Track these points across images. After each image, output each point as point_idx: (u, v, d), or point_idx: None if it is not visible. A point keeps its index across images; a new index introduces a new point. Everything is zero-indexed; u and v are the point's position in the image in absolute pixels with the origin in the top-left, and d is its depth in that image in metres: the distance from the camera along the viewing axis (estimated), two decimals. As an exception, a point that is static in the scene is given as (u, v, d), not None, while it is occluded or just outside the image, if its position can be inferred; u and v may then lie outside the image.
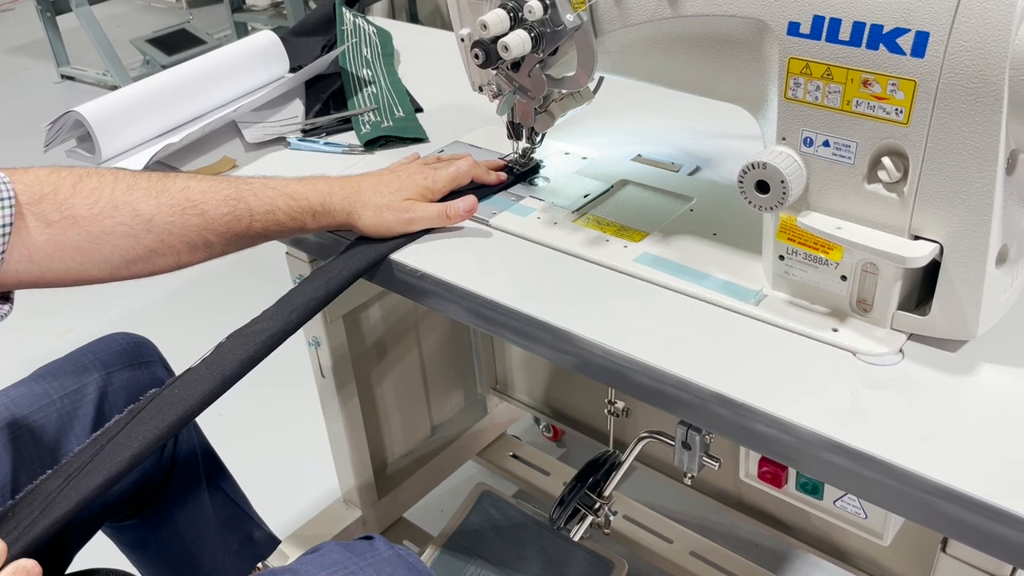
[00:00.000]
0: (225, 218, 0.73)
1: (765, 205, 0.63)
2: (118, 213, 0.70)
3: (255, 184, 0.76)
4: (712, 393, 0.61)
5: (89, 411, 0.86)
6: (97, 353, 0.90)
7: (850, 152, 0.60)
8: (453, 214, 0.79)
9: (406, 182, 0.80)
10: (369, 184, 0.80)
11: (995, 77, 0.52)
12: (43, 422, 0.83)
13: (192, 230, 0.72)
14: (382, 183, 0.80)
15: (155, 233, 0.71)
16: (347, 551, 0.68)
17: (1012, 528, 0.51)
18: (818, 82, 0.60)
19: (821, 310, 0.67)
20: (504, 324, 0.72)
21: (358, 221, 0.78)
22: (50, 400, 0.84)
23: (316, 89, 1.09)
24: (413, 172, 0.81)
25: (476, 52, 0.74)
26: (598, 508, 0.91)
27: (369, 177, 0.82)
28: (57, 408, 0.84)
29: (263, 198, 0.75)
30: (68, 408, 0.85)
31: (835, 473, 0.57)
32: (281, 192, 0.76)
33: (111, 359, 0.90)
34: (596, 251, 0.76)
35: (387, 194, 0.79)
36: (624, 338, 0.66)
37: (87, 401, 0.86)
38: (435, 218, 0.79)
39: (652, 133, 0.97)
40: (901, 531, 0.77)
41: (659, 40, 0.69)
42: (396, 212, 0.78)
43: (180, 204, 0.72)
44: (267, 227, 0.76)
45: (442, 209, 0.79)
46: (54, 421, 0.83)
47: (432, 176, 0.81)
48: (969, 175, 0.56)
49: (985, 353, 0.61)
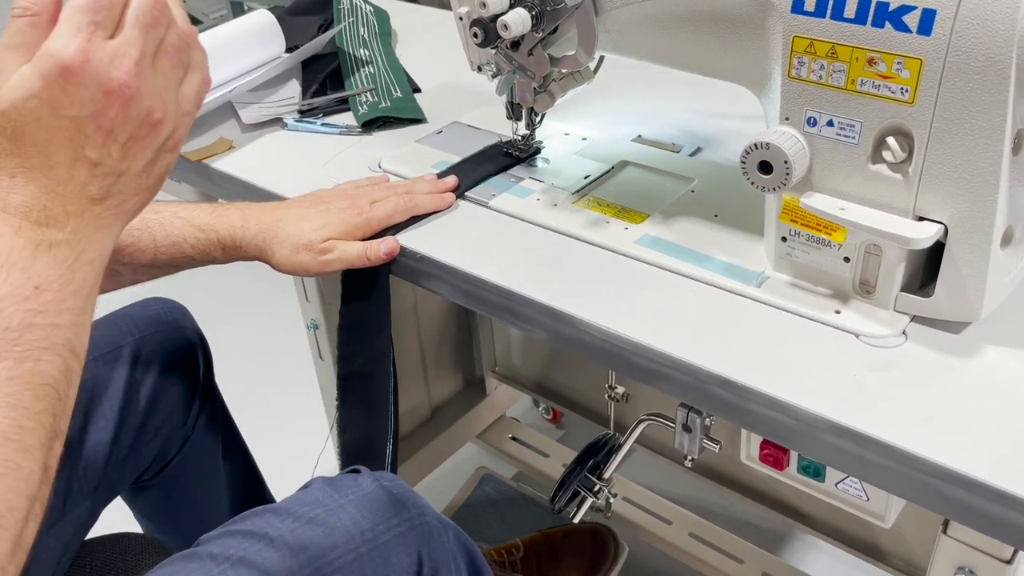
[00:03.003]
0: (129, 248, 0.72)
1: (768, 186, 0.63)
2: None
3: (165, 213, 0.74)
4: (713, 375, 0.60)
5: (123, 373, 0.86)
6: (132, 317, 0.91)
7: (854, 132, 0.60)
8: (374, 256, 0.74)
9: (333, 218, 0.75)
10: (292, 218, 0.75)
11: (1002, 56, 0.52)
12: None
13: None
14: (307, 217, 0.75)
15: None
16: (330, 487, 0.66)
17: (1014, 510, 0.51)
18: (822, 61, 0.59)
19: (824, 292, 0.66)
20: (503, 306, 0.71)
21: (271, 259, 0.75)
22: (86, 360, 0.84)
23: (313, 69, 1.08)
24: (345, 208, 0.76)
25: (475, 31, 0.73)
26: (598, 490, 0.91)
27: (296, 208, 0.77)
28: (91, 369, 0.84)
29: (169, 229, 0.73)
30: (103, 369, 0.86)
31: (837, 456, 0.57)
32: (190, 223, 0.74)
33: (145, 323, 0.91)
34: (596, 233, 0.75)
35: (308, 231, 0.74)
36: (624, 320, 0.65)
37: (121, 363, 0.87)
38: (355, 260, 0.74)
39: (653, 113, 0.96)
40: (902, 513, 0.77)
41: (661, 18, 0.68)
42: (313, 253, 0.73)
43: None
44: (174, 258, 0.74)
45: (362, 251, 0.74)
46: (89, 381, 0.83)
47: (366, 215, 0.75)
48: (975, 155, 0.55)
49: (988, 335, 0.61)
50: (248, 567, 0.59)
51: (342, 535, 0.62)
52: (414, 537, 0.65)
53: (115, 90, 0.50)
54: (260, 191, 0.88)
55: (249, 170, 0.91)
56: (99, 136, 0.50)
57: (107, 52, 0.49)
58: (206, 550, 0.62)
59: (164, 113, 0.52)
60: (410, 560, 0.65)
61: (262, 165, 0.92)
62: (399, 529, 0.65)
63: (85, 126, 0.50)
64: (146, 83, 0.50)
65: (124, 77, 0.50)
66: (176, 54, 0.52)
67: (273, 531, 0.62)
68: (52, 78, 0.48)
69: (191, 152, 0.94)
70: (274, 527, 0.62)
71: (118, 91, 0.50)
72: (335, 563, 0.61)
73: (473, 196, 0.83)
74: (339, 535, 0.62)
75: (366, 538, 0.63)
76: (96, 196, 0.51)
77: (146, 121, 0.51)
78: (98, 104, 0.50)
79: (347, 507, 0.64)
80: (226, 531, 0.63)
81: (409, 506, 0.67)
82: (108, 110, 0.50)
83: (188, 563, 0.61)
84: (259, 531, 0.62)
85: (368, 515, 0.64)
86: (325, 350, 1.17)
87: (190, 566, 0.60)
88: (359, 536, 0.63)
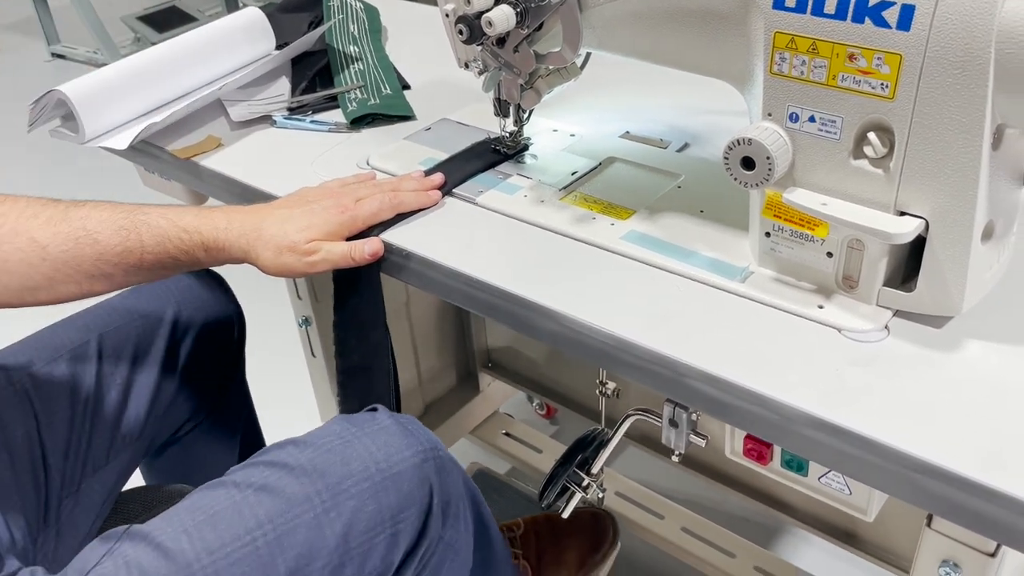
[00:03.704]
0: (117, 249, 0.72)
1: (751, 181, 0.63)
2: (17, 240, 0.69)
3: (153, 214, 0.75)
4: (697, 371, 0.61)
5: (166, 332, 0.92)
6: (179, 282, 0.95)
7: (836, 127, 0.60)
8: (358, 256, 0.74)
9: (318, 219, 0.75)
10: (275, 220, 0.75)
11: (981, 51, 0.52)
12: (122, 341, 0.89)
13: (87, 260, 0.71)
14: (291, 218, 0.75)
15: (50, 262, 0.70)
16: (348, 422, 0.71)
17: (995, 504, 0.51)
18: (803, 56, 0.59)
19: (807, 287, 0.67)
20: (489, 303, 0.71)
21: (256, 260, 0.75)
22: (131, 319, 0.91)
23: (302, 66, 1.08)
24: (329, 207, 0.76)
25: (460, 28, 0.73)
26: (586, 485, 0.91)
27: (280, 209, 0.77)
28: (138, 327, 0.91)
29: (156, 230, 0.74)
30: (145, 330, 0.91)
31: (818, 450, 0.57)
32: (175, 224, 0.75)
33: (183, 291, 0.95)
34: (583, 229, 0.76)
35: (291, 232, 0.74)
36: (609, 317, 0.65)
37: (163, 325, 0.92)
38: (339, 261, 0.74)
39: (641, 110, 0.96)
40: (888, 506, 0.77)
41: (644, 14, 0.68)
42: (298, 255, 0.73)
43: (75, 233, 0.71)
44: (160, 259, 0.75)
45: (347, 251, 0.74)
46: (135, 337, 0.90)
47: (351, 213, 0.75)
48: (955, 150, 0.55)
49: (970, 329, 0.61)
50: (269, 492, 0.64)
51: (357, 465, 0.66)
52: (427, 470, 0.69)
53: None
54: (248, 189, 0.88)
55: (237, 168, 0.91)
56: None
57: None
58: (231, 479, 0.67)
59: None
60: (423, 492, 0.68)
61: (250, 163, 0.92)
62: (412, 461, 0.68)
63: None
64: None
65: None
66: None
67: (293, 460, 0.66)
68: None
69: (179, 150, 0.94)
70: (294, 457, 0.67)
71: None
72: (351, 490, 0.65)
73: (461, 193, 0.83)
74: (355, 465, 0.66)
75: (380, 468, 0.67)
76: None
77: None
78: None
79: (363, 439, 0.68)
80: (250, 463, 0.69)
81: (423, 440, 0.70)
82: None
83: (214, 491, 0.66)
84: (280, 461, 0.67)
85: (383, 447, 0.68)
86: (317, 347, 1.17)
87: (215, 493, 0.66)
88: (373, 466, 0.67)
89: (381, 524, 0.66)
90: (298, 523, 0.64)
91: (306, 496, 0.65)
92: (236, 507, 0.64)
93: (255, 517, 0.63)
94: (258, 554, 0.62)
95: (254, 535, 0.63)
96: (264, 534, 0.63)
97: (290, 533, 0.63)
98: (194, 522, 0.63)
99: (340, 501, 0.65)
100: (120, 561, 0.62)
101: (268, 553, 0.62)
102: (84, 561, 0.63)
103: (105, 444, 0.86)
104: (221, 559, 0.61)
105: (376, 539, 0.66)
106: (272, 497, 0.64)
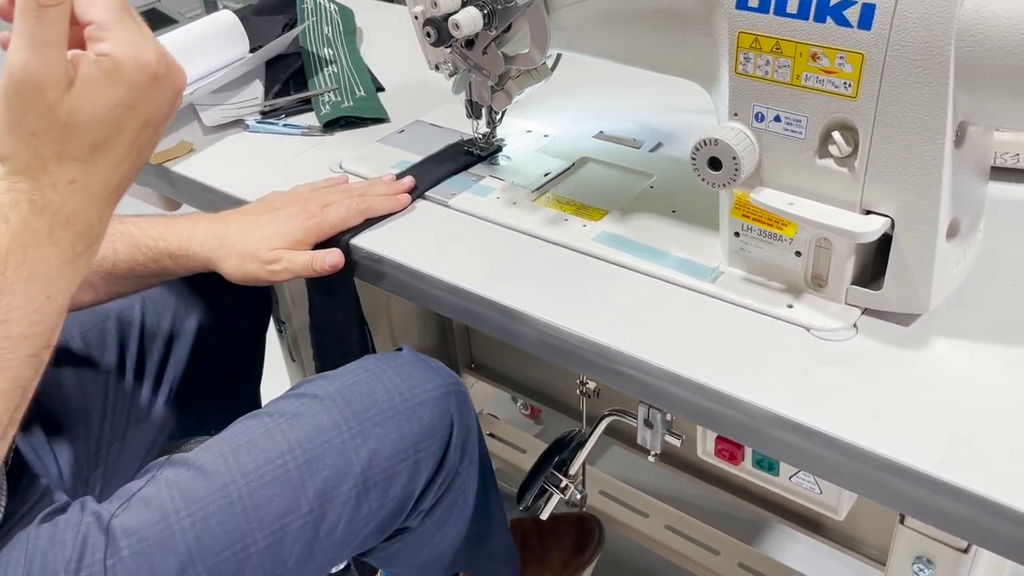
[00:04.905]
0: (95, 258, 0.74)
1: (718, 182, 0.63)
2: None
3: (128, 223, 0.76)
4: (666, 372, 0.61)
5: (200, 302, 0.93)
6: None
7: (801, 127, 0.60)
8: (319, 267, 0.74)
9: (282, 226, 0.74)
10: (240, 227, 0.75)
11: (941, 48, 0.52)
12: (162, 307, 0.91)
13: None
14: (256, 226, 0.75)
15: None
16: (375, 359, 0.74)
17: (962, 503, 0.51)
18: (767, 56, 0.59)
19: (777, 286, 0.67)
20: (461, 307, 0.71)
21: (220, 268, 0.75)
22: (170, 286, 0.91)
23: (276, 69, 1.07)
24: (296, 214, 0.75)
25: (428, 30, 0.73)
26: (564, 487, 0.91)
27: (247, 217, 0.77)
28: (175, 296, 0.92)
29: (127, 238, 0.75)
30: (186, 300, 0.92)
31: (787, 450, 0.57)
32: (145, 232, 0.76)
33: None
34: (555, 231, 0.75)
35: (255, 241, 0.74)
36: (580, 319, 0.65)
37: (201, 293, 0.92)
38: (300, 271, 0.74)
39: (615, 109, 0.96)
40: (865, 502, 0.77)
41: (611, 15, 0.68)
42: (260, 263, 0.73)
43: None
44: (132, 268, 0.76)
45: (308, 261, 0.74)
46: (171, 306, 0.91)
47: (317, 219, 0.75)
48: (918, 148, 0.55)
49: (938, 327, 0.61)
50: (300, 420, 0.68)
51: (383, 395, 0.70)
52: (448, 403, 0.72)
53: (180, 88, 0.55)
54: (220, 194, 0.88)
55: (210, 173, 0.90)
56: (153, 132, 0.56)
57: (165, 50, 0.54)
58: (265, 410, 0.71)
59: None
60: (444, 424, 0.72)
61: (223, 168, 0.91)
62: (435, 393, 0.72)
63: (148, 125, 0.54)
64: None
65: (183, 73, 0.55)
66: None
67: (322, 392, 0.70)
68: (138, 85, 0.52)
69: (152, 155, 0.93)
70: (323, 388, 0.70)
71: (182, 88, 0.55)
72: (376, 417, 0.69)
73: (433, 196, 0.82)
74: (380, 395, 0.70)
75: (404, 398, 0.70)
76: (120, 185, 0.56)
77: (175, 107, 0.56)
78: (171, 105, 0.55)
79: (388, 372, 0.72)
80: (284, 395, 0.72)
81: (444, 376, 0.74)
82: (174, 106, 0.55)
83: (250, 420, 0.69)
84: (311, 392, 0.70)
85: (407, 379, 0.71)
86: (295, 351, 1.17)
87: (251, 423, 0.69)
88: (397, 396, 0.70)
89: (404, 451, 0.69)
90: (326, 448, 0.67)
91: (334, 423, 0.68)
92: (269, 433, 0.67)
93: (287, 442, 0.67)
94: (288, 476, 0.65)
95: (285, 459, 0.66)
96: (295, 457, 0.66)
97: (319, 458, 0.66)
98: (231, 447, 0.67)
99: (366, 428, 0.68)
100: (162, 484, 0.65)
101: (298, 476, 0.66)
102: (129, 487, 0.66)
103: (147, 398, 0.89)
104: (255, 480, 0.65)
105: (399, 465, 0.69)
106: (303, 424, 0.68)
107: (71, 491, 0.78)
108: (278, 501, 0.64)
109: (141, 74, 0.52)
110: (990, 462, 0.52)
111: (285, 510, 0.64)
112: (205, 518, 0.62)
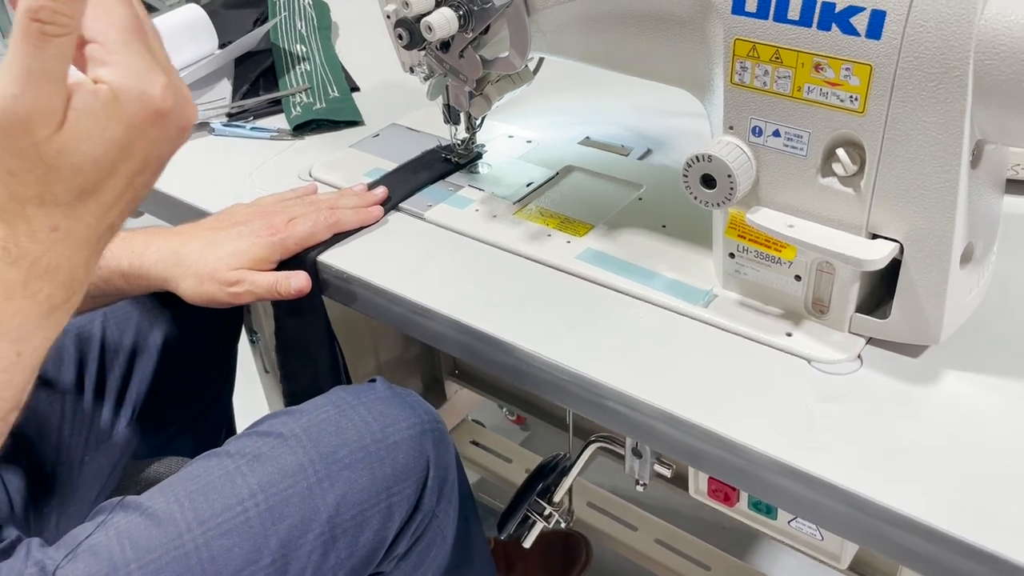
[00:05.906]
0: None
1: (712, 201, 0.58)
2: None
3: None
4: (656, 410, 0.56)
5: (168, 317, 0.87)
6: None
7: (802, 143, 0.55)
8: (284, 291, 0.69)
9: (243, 243, 0.69)
10: (197, 244, 0.70)
11: (958, 61, 0.47)
12: (124, 321, 0.86)
13: None
14: (215, 242, 0.70)
15: None
16: (345, 392, 0.69)
17: (975, 562, 0.46)
18: (766, 66, 0.54)
19: (775, 312, 0.62)
20: (435, 332, 0.66)
21: (176, 289, 0.70)
22: (132, 303, 0.86)
23: (245, 68, 1.01)
24: (258, 229, 0.70)
25: (399, 32, 0.68)
26: (548, 515, 0.86)
27: (205, 232, 0.71)
28: (138, 310, 0.87)
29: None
30: (149, 314, 0.87)
31: (785, 497, 0.52)
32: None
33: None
34: (537, 247, 0.70)
35: (213, 260, 0.68)
36: (562, 349, 0.60)
37: (167, 307, 0.87)
38: (264, 294, 0.69)
39: (602, 112, 0.91)
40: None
41: (596, 18, 0.62)
42: (220, 284, 0.68)
43: None
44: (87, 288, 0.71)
45: (273, 283, 0.69)
46: (135, 320, 0.86)
47: (282, 235, 0.69)
48: (930, 169, 0.51)
49: (948, 360, 0.57)
50: (262, 462, 0.63)
51: (352, 434, 0.65)
52: (425, 441, 0.67)
53: (188, 125, 0.48)
54: (182, 205, 0.82)
55: (172, 181, 0.85)
56: (151, 174, 0.49)
57: (179, 81, 0.47)
58: (225, 449, 0.65)
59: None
60: (419, 466, 0.66)
61: (184, 176, 0.85)
62: (409, 432, 0.66)
63: (147, 166, 0.48)
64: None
65: (192, 111, 0.48)
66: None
67: (287, 430, 0.65)
68: (138, 123, 0.45)
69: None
70: (288, 426, 0.65)
71: (189, 125, 0.48)
72: (345, 459, 0.63)
73: (408, 208, 0.77)
74: (349, 434, 0.64)
75: (376, 438, 0.65)
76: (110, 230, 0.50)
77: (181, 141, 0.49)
78: (175, 143, 0.48)
79: (359, 408, 0.66)
80: (246, 432, 0.67)
81: (420, 412, 0.68)
82: (178, 144, 0.48)
83: (208, 460, 0.64)
84: (275, 431, 0.65)
85: (379, 417, 0.66)
86: (269, 362, 1.12)
87: (210, 463, 0.64)
88: (368, 435, 0.65)
89: (375, 496, 0.64)
90: (291, 493, 0.62)
91: (300, 465, 0.63)
92: (229, 476, 0.62)
93: (248, 487, 0.62)
94: (249, 525, 0.60)
95: (246, 505, 0.61)
96: (256, 504, 0.61)
97: (283, 504, 0.62)
98: (187, 491, 0.62)
99: (334, 471, 0.63)
100: (112, 531, 0.59)
101: (260, 524, 0.61)
102: (78, 532, 0.61)
103: (108, 419, 0.84)
104: (212, 529, 0.60)
105: (370, 511, 0.64)
106: (265, 466, 0.63)
107: (23, 524, 0.73)
108: (237, 552, 0.59)
109: (142, 110, 0.45)
110: (1007, 514, 0.47)
111: (245, 561, 0.59)
112: (157, 571, 0.57)
